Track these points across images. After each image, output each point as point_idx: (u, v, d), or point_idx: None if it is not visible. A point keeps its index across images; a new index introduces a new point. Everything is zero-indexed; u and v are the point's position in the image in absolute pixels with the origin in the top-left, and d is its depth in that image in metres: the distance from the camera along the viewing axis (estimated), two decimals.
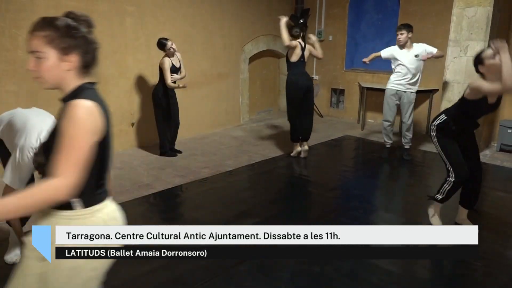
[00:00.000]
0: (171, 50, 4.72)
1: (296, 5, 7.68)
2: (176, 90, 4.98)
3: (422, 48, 4.87)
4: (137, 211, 3.48)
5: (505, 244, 3.04)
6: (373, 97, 7.09)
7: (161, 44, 4.74)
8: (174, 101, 5.00)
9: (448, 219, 3.44)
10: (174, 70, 4.81)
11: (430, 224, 3.16)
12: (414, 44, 4.92)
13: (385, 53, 5.08)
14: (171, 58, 4.79)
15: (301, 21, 7.38)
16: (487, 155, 5.33)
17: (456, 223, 3.28)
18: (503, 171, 4.78)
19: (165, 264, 2.65)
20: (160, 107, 4.87)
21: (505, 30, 5.41)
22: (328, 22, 7.58)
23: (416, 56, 4.84)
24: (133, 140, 5.10)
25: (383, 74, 7.03)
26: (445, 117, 3.04)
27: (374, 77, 7.14)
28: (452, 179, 3.03)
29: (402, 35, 4.82)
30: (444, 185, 3.09)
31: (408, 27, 4.85)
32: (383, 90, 6.74)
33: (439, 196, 3.11)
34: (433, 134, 3.11)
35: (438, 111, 5.47)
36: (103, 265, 1.37)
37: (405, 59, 4.88)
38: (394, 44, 6.92)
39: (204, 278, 2.48)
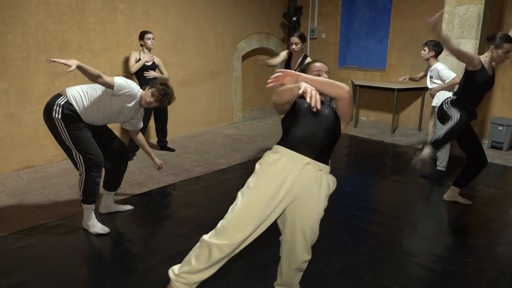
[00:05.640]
0: (149, 42, 4.75)
1: (289, 3, 7.66)
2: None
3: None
4: (129, 210, 3.46)
5: (495, 240, 3.07)
6: (365, 95, 7.12)
7: (141, 33, 4.78)
8: None
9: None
10: (145, 67, 4.78)
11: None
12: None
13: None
14: (144, 54, 4.79)
15: (294, 19, 7.41)
16: None
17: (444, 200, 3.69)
18: (494, 167, 4.83)
19: (158, 262, 2.65)
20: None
21: (496, 28, 5.46)
22: (321, 20, 7.59)
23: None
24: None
25: (376, 72, 7.08)
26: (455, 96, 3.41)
27: (367, 75, 7.16)
28: (456, 117, 3.27)
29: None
30: (449, 124, 3.30)
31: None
32: (375, 88, 6.81)
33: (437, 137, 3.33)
34: (447, 105, 3.42)
35: (429, 108, 5.53)
36: None
37: None
38: (387, 43, 6.99)
39: None
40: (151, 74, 4.80)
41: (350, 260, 2.72)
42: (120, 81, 2.88)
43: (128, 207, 3.45)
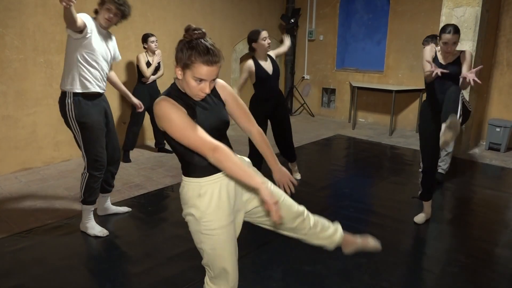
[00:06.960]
0: (153, 45, 4.74)
1: (287, 4, 7.69)
2: (161, 89, 4.97)
3: None
4: (127, 212, 3.46)
5: (494, 242, 3.07)
6: (363, 97, 7.14)
7: (145, 37, 4.76)
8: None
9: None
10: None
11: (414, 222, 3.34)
12: None
13: None
14: (150, 56, 4.80)
15: (292, 20, 7.42)
16: (476, 154, 5.40)
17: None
18: (492, 169, 4.84)
19: (156, 264, 2.64)
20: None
21: (493, 29, 5.48)
22: (319, 22, 7.61)
23: None
24: (123, 139, 5.06)
25: (374, 73, 7.09)
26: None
27: (365, 76, 7.18)
28: (420, 169, 3.32)
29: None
30: (419, 179, 3.33)
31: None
32: (373, 90, 6.82)
33: (419, 192, 3.34)
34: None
35: None
36: None
37: None
38: (385, 44, 6.99)
39: (195, 278, 2.47)
40: (151, 77, 4.80)
41: (349, 262, 2.72)
42: (83, 16, 2.80)
43: (126, 209, 3.45)
